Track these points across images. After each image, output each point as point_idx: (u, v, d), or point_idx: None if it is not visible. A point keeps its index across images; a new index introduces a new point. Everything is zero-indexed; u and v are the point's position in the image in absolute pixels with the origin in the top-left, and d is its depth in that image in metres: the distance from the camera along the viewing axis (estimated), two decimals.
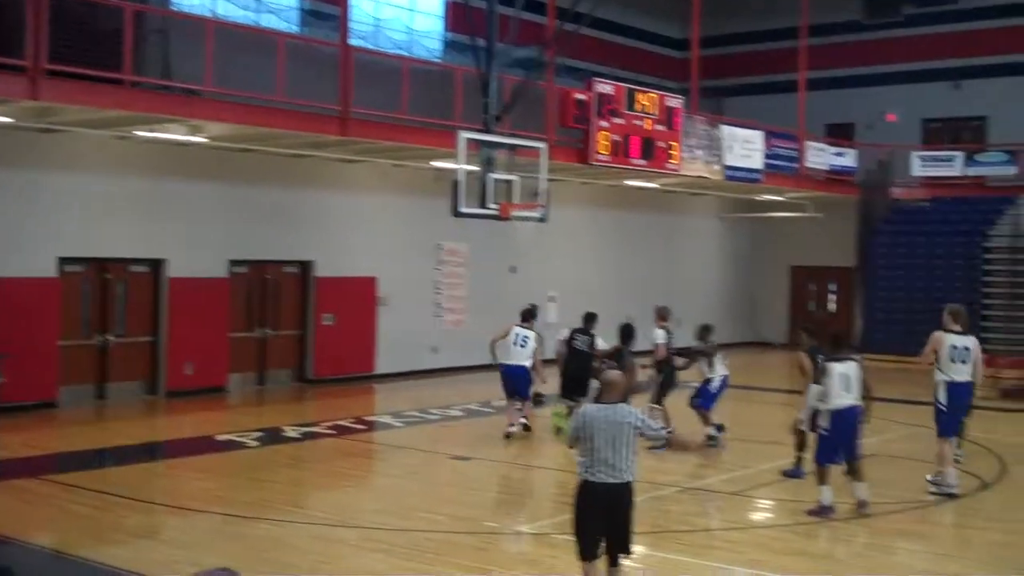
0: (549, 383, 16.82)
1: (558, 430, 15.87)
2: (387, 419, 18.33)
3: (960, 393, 13.01)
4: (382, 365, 23.00)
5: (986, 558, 10.45)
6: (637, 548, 10.63)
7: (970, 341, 13.04)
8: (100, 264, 19.07)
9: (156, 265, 19.71)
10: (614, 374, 8.46)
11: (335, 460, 15.18)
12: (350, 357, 22.44)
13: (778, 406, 19.03)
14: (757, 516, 12.46)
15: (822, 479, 11.55)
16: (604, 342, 16.11)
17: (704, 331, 16.11)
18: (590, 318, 16.54)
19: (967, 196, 30.81)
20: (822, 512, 11.39)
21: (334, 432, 16.81)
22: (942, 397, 12.98)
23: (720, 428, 15.95)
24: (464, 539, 10.72)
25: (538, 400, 17.82)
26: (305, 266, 22.01)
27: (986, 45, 31.42)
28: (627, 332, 15.19)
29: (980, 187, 30.84)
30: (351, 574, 9.48)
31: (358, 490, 13.59)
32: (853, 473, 11.64)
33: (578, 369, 15.82)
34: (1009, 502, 12.90)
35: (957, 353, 12.91)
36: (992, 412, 19.61)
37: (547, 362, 17.19)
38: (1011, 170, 30.00)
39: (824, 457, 11.64)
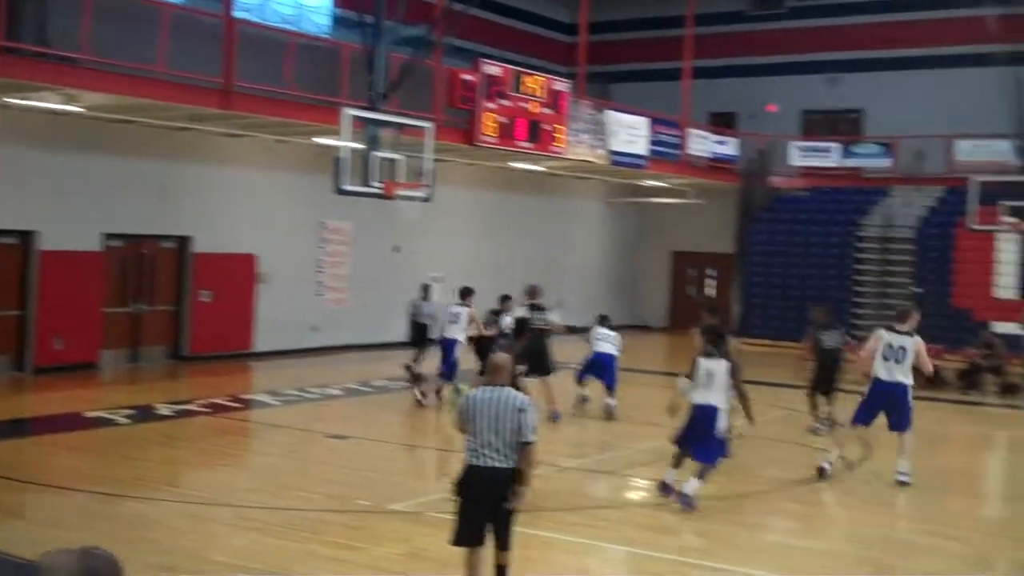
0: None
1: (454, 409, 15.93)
2: (264, 397, 18.12)
3: (882, 390, 12.92)
4: (261, 343, 22.72)
5: (850, 536, 10.77)
6: (520, 529, 10.76)
7: (908, 341, 12.82)
8: None
9: (26, 237, 19.12)
10: (502, 357, 8.30)
11: (209, 438, 14.96)
12: (227, 335, 22.12)
13: (656, 388, 19.30)
14: (632, 495, 12.64)
15: (673, 461, 11.55)
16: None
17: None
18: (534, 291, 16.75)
19: (843, 187, 31.66)
20: (663, 489, 11.41)
21: (209, 410, 16.54)
22: (866, 389, 13.11)
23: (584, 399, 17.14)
24: (337, 517, 10.66)
25: (416, 378, 17.90)
26: (183, 241, 21.60)
27: (864, 39, 32.26)
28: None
29: (856, 178, 31.70)
30: (223, 553, 9.36)
31: (232, 469, 13.42)
32: (693, 470, 11.31)
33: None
34: (873, 483, 13.30)
35: (892, 352, 12.83)
36: (860, 396, 20.17)
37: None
38: (885, 162, 30.92)
39: (677, 440, 11.64)
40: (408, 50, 18.27)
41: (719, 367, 11.35)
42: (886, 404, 12.94)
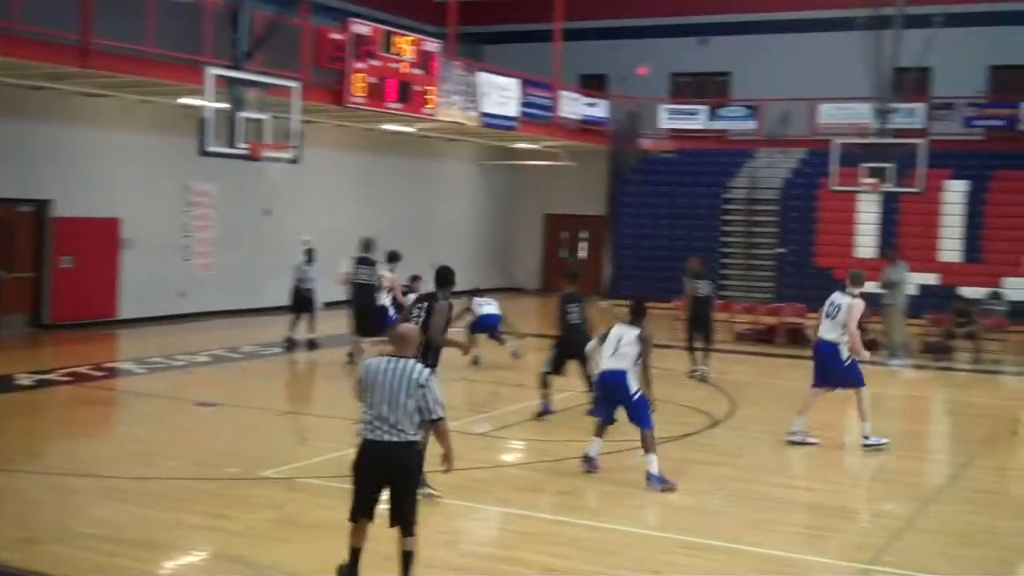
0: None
1: None
2: (129, 365, 17.69)
3: (818, 347, 13.42)
4: (126, 310, 22.15)
5: (718, 491, 10.99)
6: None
7: (841, 299, 13.19)
8: None
9: None
10: (407, 327, 8.02)
11: (72, 408, 14.56)
12: (91, 302, 21.51)
13: (529, 350, 19.40)
14: (504, 456, 12.70)
15: (596, 431, 11.45)
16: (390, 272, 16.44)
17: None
18: (368, 244, 16.72)
19: (710, 149, 32.19)
20: (585, 462, 11.36)
21: (72, 379, 16.06)
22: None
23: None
24: (205, 485, 10.47)
25: (292, 344, 17.80)
26: (42, 205, 20.86)
27: (732, 3, 32.76)
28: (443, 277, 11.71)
29: (722, 140, 32.26)
30: (87, 524, 9.12)
31: (96, 439, 13.07)
32: (644, 442, 11.02)
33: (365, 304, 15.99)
34: (738, 439, 13.63)
35: (830, 309, 13.23)
36: (727, 355, 20.65)
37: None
38: (751, 124, 31.51)
39: (593, 410, 11.73)
40: (273, 8, 17.88)
41: (626, 335, 11.17)
42: (816, 361, 13.46)
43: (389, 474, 7.44)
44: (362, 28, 21.75)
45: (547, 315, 29.43)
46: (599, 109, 31.87)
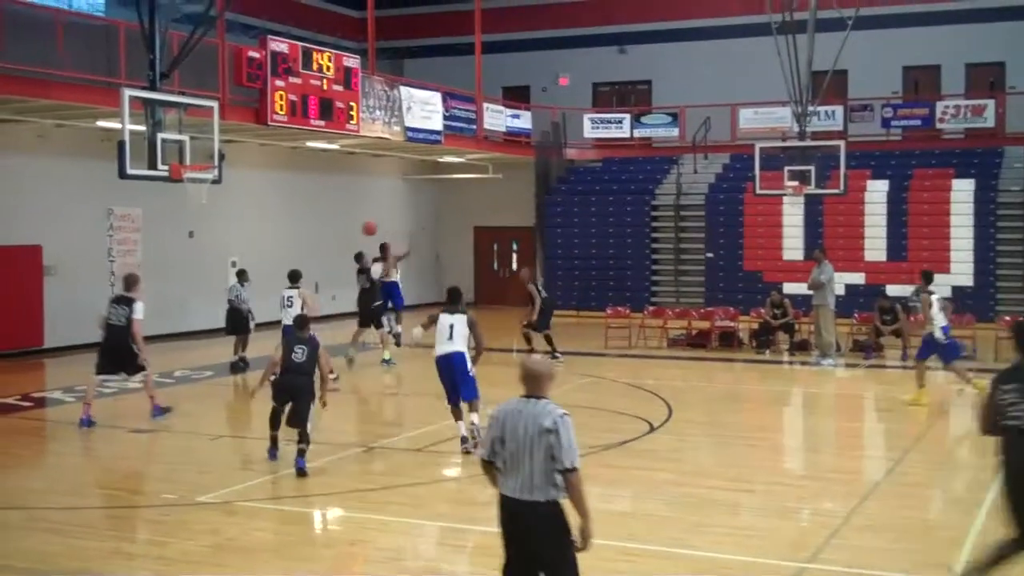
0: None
1: None
2: (58, 395, 17.30)
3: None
4: (52, 338, 21.69)
5: (657, 496, 11.02)
6: (323, 510, 10.61)
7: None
8: None
9: None
10: (538, 361, 6.73)
11: (0, 440, 14.20)
12: (15, 331, 21.04)
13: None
14: (442, 471, 12.62)
15: (455, 415, 12.80)
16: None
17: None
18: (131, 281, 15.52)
19: (635, 157, 32.41)
20: (463, 442, 12.57)
21: None
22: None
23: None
24: (143, 513, 10.28)
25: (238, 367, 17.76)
26: None
27: (649, 11, 33.05)
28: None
29: (647, 148, 32.49)
30: (15, 557, 8.86)
31: (24, 469, 12.74)
32: (459, 412, 12.75)
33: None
34: (676, 443, 13.68)
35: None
36: (662, 360, 20.77)
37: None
38: (674, 131, 31.77)
39: (448, 398, 12.85)
40: (189, 27, 17.65)
41: (458, 321, 12.63)
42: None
43: (529, 538, 6.30)
44: (280, 46, 21.57)
45: (485, 327, 29.51)
46: (523, 120, 31.92)
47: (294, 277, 17.88)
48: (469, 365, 12.65)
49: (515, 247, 34.32)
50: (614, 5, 33.54)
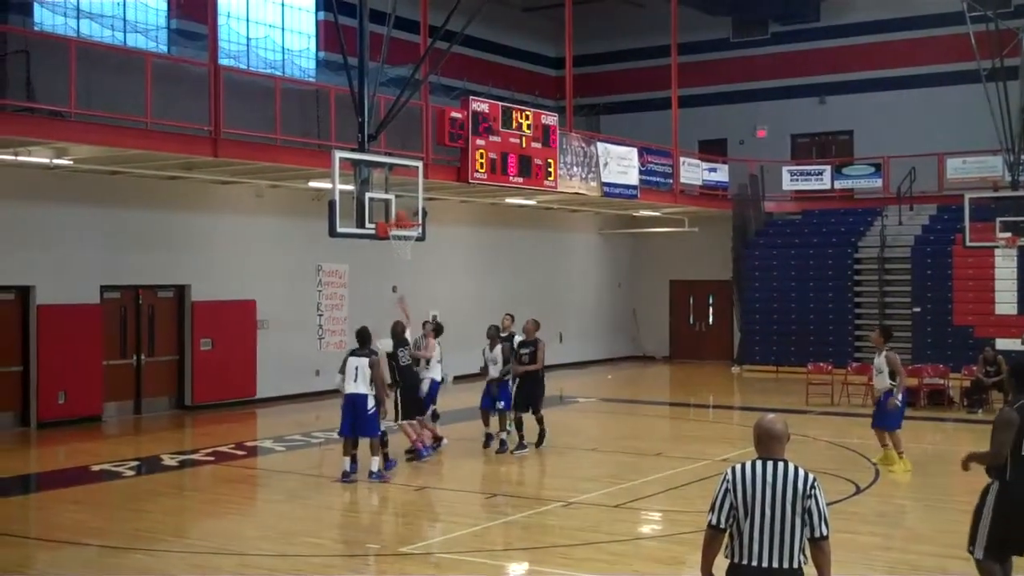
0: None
1: None
2: (268, 443, 18.01)
3: None
4: (264, 389, 22.63)
5: (869, 562, 10.67)
6: (523, 564, 10.68)
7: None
8: None
9: (24, 292, 19.09)
10: (771, 421, 6.26)
11: (215, 487, 14.85)
12: (231, 382, 22.04)
13: (661, 419, 19.24)
14: (641, 528, 12.53)
15: (344, 449, 14.42)
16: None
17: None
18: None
19: (836, 209, 31.70)
20: (344, 477, 14.19)
21: (214, 459, 16.45)
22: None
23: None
24: (346, 562, 10.56)
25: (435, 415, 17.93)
26: (181, 290, 21.57)
27: (850, 61, 32.41)
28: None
29: (848, 200, 31.75)
30: None
31: (238, 517, 13.29)
32: (371, 448, 14.40)
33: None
34: (882, 506, 13.17)
35: None
36: (867, 418, 20.14)
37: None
38: (877, 182, 30.96)
39: (341, 430, 14.44)
40: (395, 90, 18.30)
41: (362, 364, 14.17)
42: None
43: None
44: (481, 106, 22.12)
45: (680, 382, 29.19)
46: (719, 173, 31.70)
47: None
48: (370, 404, 14.15)
49: (711, 301, 33.99)
50: (813, 56, 33.05)
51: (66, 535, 11.65)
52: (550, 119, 23.95)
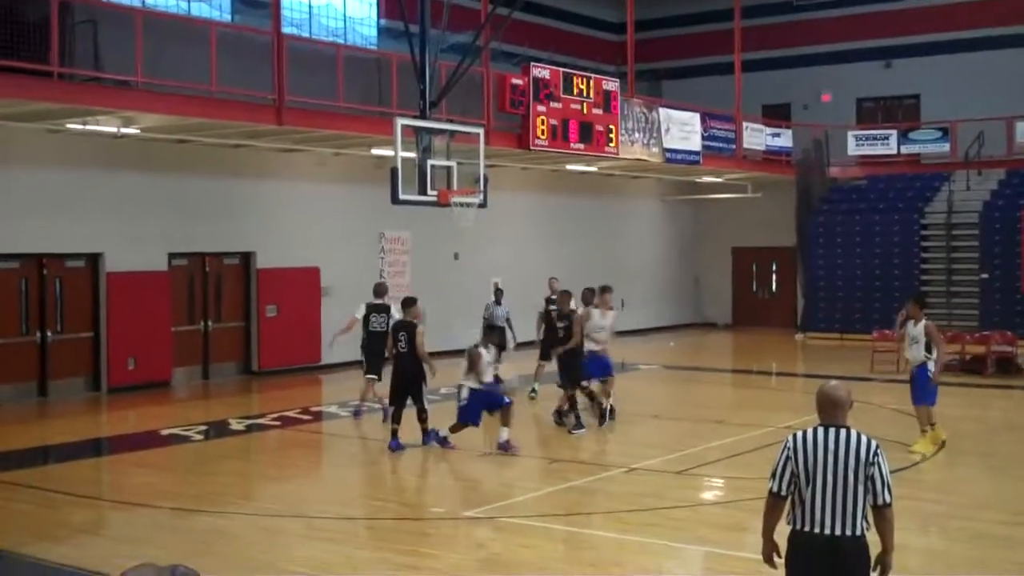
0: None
1: None
2: (333, 409, 18.23)
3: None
4: (328, 355, 22.82)
5: (935, 529, 10.58)
6: (584, 530, 10.74)
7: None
8: (37, 259, 18.76)
9: (93, 260, 19.44)
10: (836, 387, 6.24)
11: (281, 451, 15.09)
12: (296, 348, 22.30)
13: (724, 386, 19.19)
14: (703, 494, 12.53)
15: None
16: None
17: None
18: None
19: (902, 174, 31.23)
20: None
21: (280, 423, 16.70)
22: None
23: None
24: (409, 525, 10.69)
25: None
26: (246, 257, 21.83)
27: (916, 24, 31.84)
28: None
29: (915, 164, 31.27)
30: (296, 563, 9.40)
31: (304, 480, 13.48)
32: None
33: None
34: (949, 474, 13.04)
35: None
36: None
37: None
38: (944, 147, 30.45)
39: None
40: (456, 57, 18.32)
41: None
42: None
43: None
44: (542, 72, 22.05)
45: (744, 349, 29.04)
46: (783, 139, 31.36)
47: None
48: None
49: (775, 268, 33.71)
50: (879, 19, 32.48)
51: (137, 497, 11.91)
52: (611, 85, 23.82)
